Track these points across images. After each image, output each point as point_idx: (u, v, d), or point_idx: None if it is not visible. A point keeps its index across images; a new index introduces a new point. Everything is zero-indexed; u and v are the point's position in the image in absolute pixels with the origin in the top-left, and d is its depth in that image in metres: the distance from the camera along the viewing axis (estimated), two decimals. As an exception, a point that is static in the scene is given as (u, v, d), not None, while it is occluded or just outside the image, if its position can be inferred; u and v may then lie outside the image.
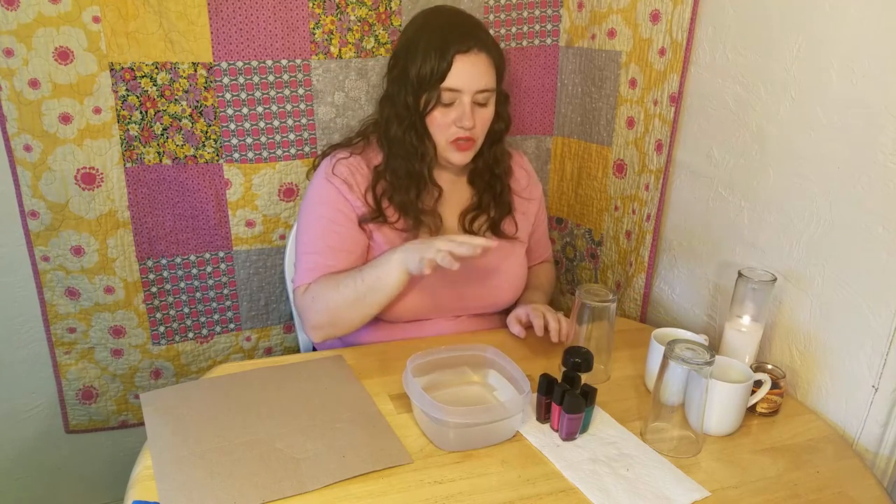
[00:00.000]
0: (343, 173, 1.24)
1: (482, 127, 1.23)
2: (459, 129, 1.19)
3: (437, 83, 1.17)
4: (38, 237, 1.39)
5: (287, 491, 0.87)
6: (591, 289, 1.16)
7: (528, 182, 1.40)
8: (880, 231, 1.00)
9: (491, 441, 0.99)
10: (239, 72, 1.39)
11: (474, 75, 1.17)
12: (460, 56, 1.16)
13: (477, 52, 1.17)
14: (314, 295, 1.19)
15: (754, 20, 1.17)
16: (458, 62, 1.16)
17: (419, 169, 1.23)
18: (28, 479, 1.60)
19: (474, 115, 1.19)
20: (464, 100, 1.18)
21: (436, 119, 1.20)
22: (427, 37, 1.19)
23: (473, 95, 1.18)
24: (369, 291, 1.15)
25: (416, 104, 1.20)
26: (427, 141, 1.22)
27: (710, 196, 1.30)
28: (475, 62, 1.17)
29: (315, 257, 1.23)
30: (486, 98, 1.21)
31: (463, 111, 1.18)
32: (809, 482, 0.94)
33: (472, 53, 1.17)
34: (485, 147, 1.28)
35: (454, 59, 1.16)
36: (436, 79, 1.16)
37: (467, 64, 1.17)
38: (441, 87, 1.17)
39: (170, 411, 1.03)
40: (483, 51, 1.18)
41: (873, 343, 1.03)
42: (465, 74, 1.17)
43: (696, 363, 0.93)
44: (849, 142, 1.04)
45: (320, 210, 1.24)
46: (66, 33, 1.28)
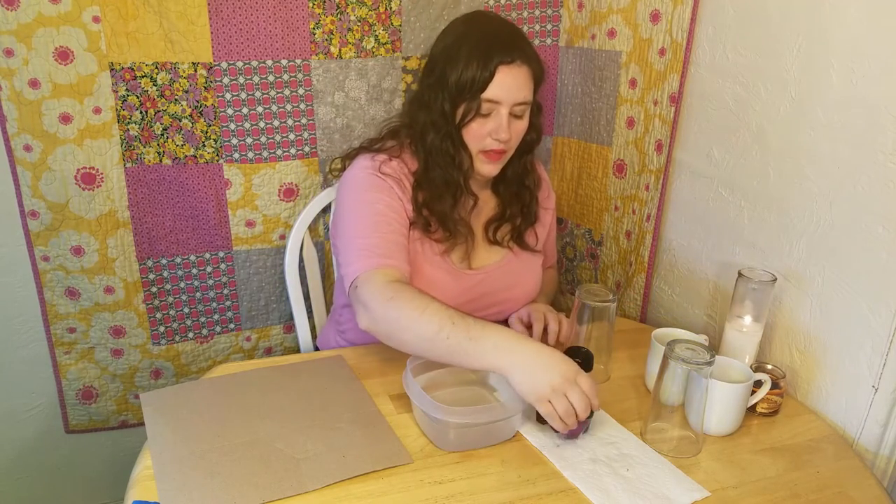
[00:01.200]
0: (392, 172, 1.20)
1: (516, 139, 1.20)
2: (494, 142, 1.17)
3: (478, 93, 1.13)
4: (38, 237, 1.39)
5: (287, 491, 0.87)
6: (591, 289, 1.16)
7: (548, 192, 1.40)
8: (880, 231, 1.01)
9: (491, 441, 0.99)
10: (239, 72, 1.39)
11: (515, 87, 1.14)
12: (503, 67, 1.12)
13: (520, 64, 1.14)
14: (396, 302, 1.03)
15: (754, 20, 1.17)
16: (500, 73, 1.12)
17: (456, 178, 1.20)
18: (28, 479, 1.60)
19: (510, 127, 1.17)
20: (501, 111, 1.15)
21: (472, 129, 1.17)
22: (470, 44, 1.14)
23: (511, 108, 1.15)
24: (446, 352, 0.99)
25: (452, 112, 1.16)
26: (463, 150, 1.19)
27: (710, 196, 1.30)
28: (517, 74, 1.14)
29: (377, 239, 1.12)
30: (523, 111, 1.18)
31: (500, 123, 1.15)
32: (809, 482, 0.94)
33: (515, 65, 1.13)
34: (514, 157, 1.25)
35: (497, 69, 1.12)
36: (476, 88, 1.13)
37: (509, 76, 1.13)
38: (481, 98, 1.14)
39: (170, 411, 1.03)
40: (525, 63, 1.15)
41: (873, 343, 1.03)
42: (506, 86, 1.13)
43: (696, 363, 0.93)
44: (849, 142, 1.04)
45: (373, 195, 1.17)
46: (66, 33, 1.28)
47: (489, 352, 0.96)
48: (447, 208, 1.21)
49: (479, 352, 0.97)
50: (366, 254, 1.11)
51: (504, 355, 0.96)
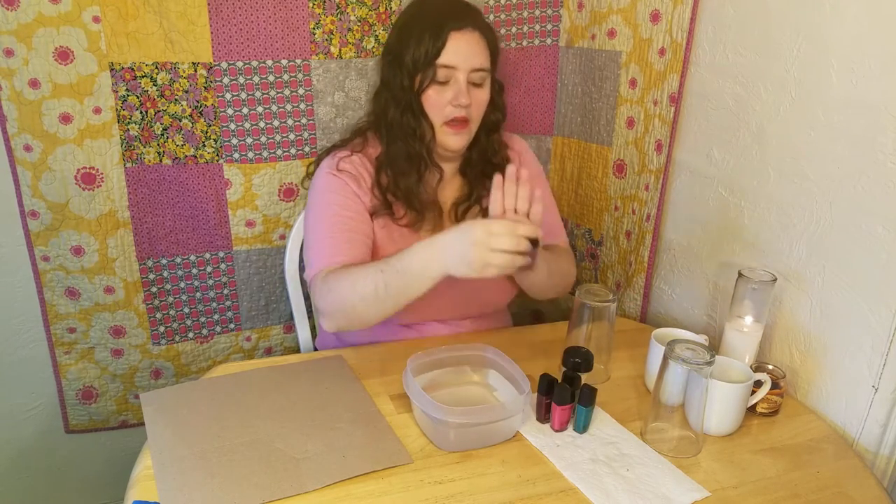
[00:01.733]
0: (348, 168, 1.23)
1: (477, 108, 1.21)
2: (455, 109, 1.18)
3: (433, 60, 1.16)
4: (38, 237, 1.39)
5: (287, 491, 0.87)
6: (591, 289, 1.16)
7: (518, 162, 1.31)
8: (880, 231, 1.00)
9: (491, 441, 0.99)
10: (239, 72, 1.39)
11: (469, 53, 1.17)
12: (455, 33, 1.16)
13: (472, 30, 1.17)
14: (330, 286, 1.12)
15: (754, 20, 1.17)
16: (452, 39, 1.16)
17: (419, 150, 1.21)
18: (28, 479, 1.60)
19: (470, 94, 1.18)
20: (459, 77, 1.17)
21: (431, 98, 1.19)
22: (422, 21, 1.19)
23: (469, 74, 1.17)
24: (392, 299, 1.06)
25: (411, 85, 1.19)
26: (424, 121, 1.20)
27: (710, 196, 1.30)
28: (470, 40, 1.17)
29: (329, 241, 1.18)
30: (482, 78, 1.20)
31: (459, 88, 1.17)
32: (809, 482, 0.94)
33: (466, 31, 1.17)
34: (481, 136, 1.27)
35: (449, 35, 1.16)
36: (431, 56, 1.16)
37: (462, 41, 1.16)
38: (437, 64, 1.16)
39: (170, 411, 1.03)
40: (478, 30, 1.18)
41: (873, 343, 1.03)
42: (460, 51, 1.16)
43: (696, 363, 0.93)
44: (849, 142, 1.04)
45: (329, 197, 1.21)
46: (66, 33, 1.28)
47: (422, 272, 1.03)
48: (412, 184, 1.22)
49: (415, 276, 1.03)
50: (317, 257, 1.17)
51: (432, 264, 1.02)
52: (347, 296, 1.08)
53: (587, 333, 1.15)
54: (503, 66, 1.56)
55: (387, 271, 1.05)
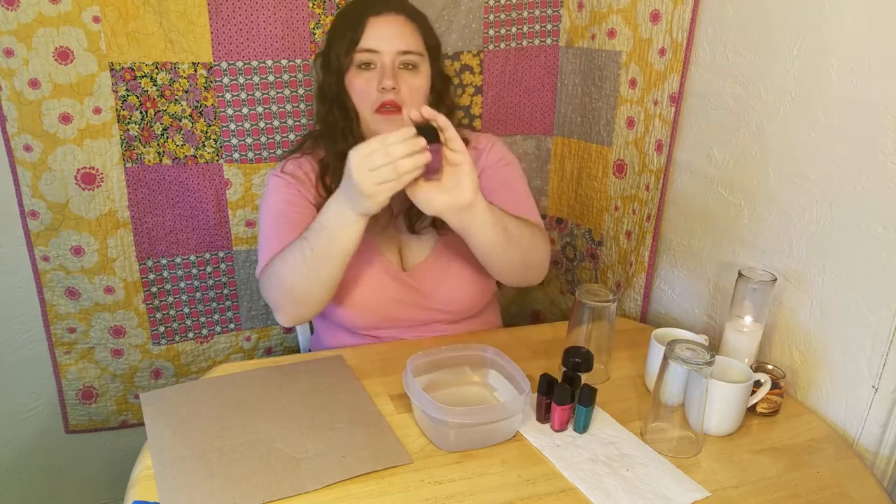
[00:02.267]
0: (291, 169, 1.22)
1: (411, 93, 1.15)
2: (382, 94, 1.13)
3: (353, 47, 1.13)
4: (38, 237, 1.39)
5: (287, 491, 0.87)
6: (591, 289, 1.16)
7: (479, 157, 1.27)
8: (880, 231, 1.00)
9: (491, 441, 0.98)
10: (239, 72, 1.39)
11: (391, 35, 1.13)
12: (374, 18, 1.13)
13: (393, 14, 1.14)
14: (268, 274, 1.12)
15: (754, 20, 1.17)
16: (371, 24, 1.13)
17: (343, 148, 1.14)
18: (28, 479, 1.60)
19: (399, 78, 1.13)
20: (384, 60, 1.13)
21: (355, 85, 1.15)
22: (342, 16, 1.18)
23: (395, 57, 1.13)
24: (323, 259, 1.04)
25: (338, 81, 1.17)
26: (352, 114, 1.17)
27: (710, 196, 1.30)
28: (391, 22, 1.14)
29: (274, 237, 1.16)
30: (414, 62, 1.15)
31: (383, 71, 1.13)
32: (809, 482, 0.94)
33: (387, 15, 1.14)
34: None
35: (367, 21, 1.13)
36: (352, 45, 1.13)
37: (382, 23, 1.14)
38: (357, 49, 1.13)
39: (170, 411, 1.03)
40: (401, 13, 1.15)
41: (873, 343, 1.03)
42: (381, 34, 1.13)
43: (696, 363, 0.93)
44: (849, 142, 1.04)
45: (272, 198, 1.21)
46: (66, 33, 1.28)
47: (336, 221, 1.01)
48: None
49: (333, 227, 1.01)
50: (262, 255, 1.17)
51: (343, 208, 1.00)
52: (283, 275, 1.08)
53: (587, 333, 1.14)
54: (503, 67, 1.57)
55: (309, 236, 1.04)
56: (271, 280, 1.11)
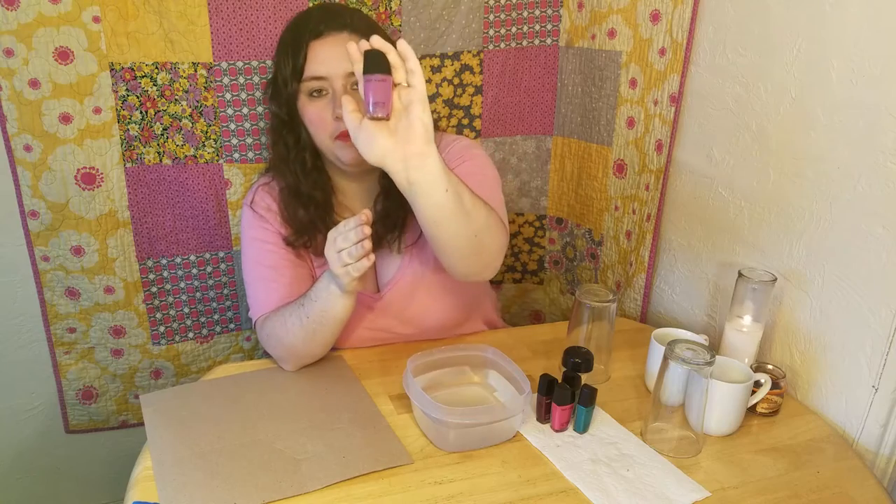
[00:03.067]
0: (259, 201, 1.19)
1: None
2: (338, 122, 1.05)
3: (298, 77, 1.06)
4: (38, 237, 1.39)
5: (287, 491, 0.87)
6: (591, 289, 1.16)
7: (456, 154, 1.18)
8: (880, 231, 1.00)
9: (491, 441, 0.99)
10: (239, 72, 1.39)
11: (335, 57, 1.04)
12: (314, 42, 1.05)
13: (335, 33, 1.05)
14: (268, 332, 1.12)
15: (754, 20, 1.17)
16: (312, 49, 1.05)
17: (293, 181, 1.13)
18: (28, 479, 1.60)
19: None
20: (335, 85, 1.05)
21: (309, 115, 1.08)
22: (283, 42, 1.09)
23: (345, 80, 1.05)
24: (318, 326, 1.07)
25: (289, 112, 1.10)
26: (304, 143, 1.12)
27: (710, 196, 1.30)
28: (334, 43, 1.05)
29: (260, 284, 1.16)
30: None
31: (336, 98, 1.05)
32: (809, 482, 0.94)
33: (327, 36, 1.05)
34: None
35: (308, 47, 1.05)
36: (296, 75, 1.06)
37: (325, 48, 1.05)
38: (304, 79, 1.06)
39: (170, 412, 1.03)
40: (344, 30, 1.06)
41: (873, 343, 1.03)
42: (325, 59, 1.05)
43: (697, 363, 0.93)
44: (849, 142, 1.04)
45: (249, 234, 1.18)
46: (66, 33, 1.28)
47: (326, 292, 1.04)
48: (294, 213, 1.15)
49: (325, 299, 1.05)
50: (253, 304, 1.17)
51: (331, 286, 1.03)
52: (283, 338, 1.10)
53: (587, 333, 1.15)
54: (503, 67, 1.57)
55: (305, 303, 1.07)
56: (271, 340, 1.13)
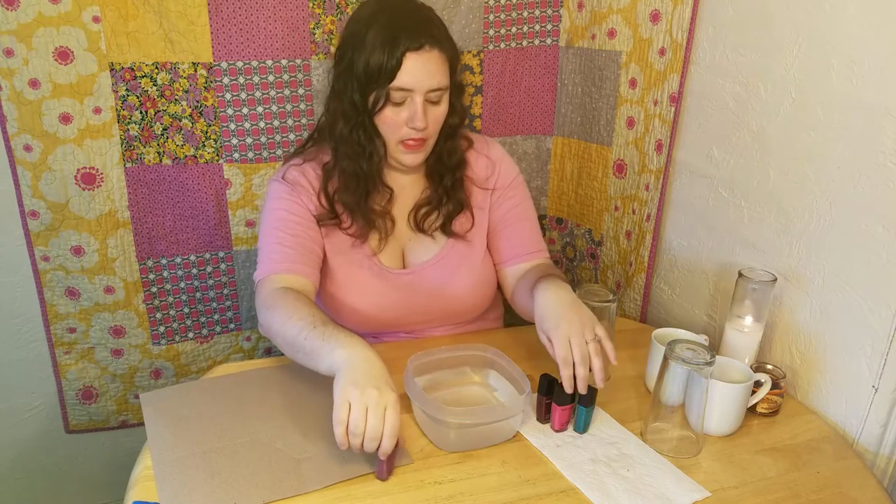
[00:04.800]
0: (294, 177, 1.19)
1: (435, 126, 1.15)
2: (411, 130, 1.12)
3: (387, 82, 1.08)
4: (38, 237, 1.39)
5: (287, 491, 0.87)
6: (591, 289, 1.16)
7: (492, 171, 1.28)
8: (880, 231, 1.00)
9: (491, 441, 0.98)
10: (239, 72, 1.39)
11: (426, 74, 1.09)
12: (411, 54, 1.07)
13: (429, 48, 1.09)
14: (270, 302, 1.07)
15: (754, 20, 1.17)
16: (408, 60, 1.07)
17: (367, 170, 1.16)
18: (28, 479, 1.60)
19: (427, 114, 1.11)
20: (416, 99, 1.10)
21: (386, 118, 1.12)
22: (376, 29, 1.09)
23: (426, 94, 1.10)
24: (302, 353, 0.99)
25: (363, 102, 1.12)
26: (377, 140, 1.15)
27: (710, 196, 1.30)
28: (427, 60, 1.09)
29: (276, 246, 1.15)
30: (439, 97, 1.13)
31: (415, 111, 1.10)
32: (809, 482, 0.94)
33: (423, 51, 1.08)
34: (440, 141, 1.21)
35: (405, 57, 1.07)
36: (385, 78, 1.08)
37: (419, 62, 1.08)
38: (391, 87, 1.09)
39: (170, 411, 1.02)
40: (436, 47, 1.10)
41: (873, 343, 1.03)
42: (416, 73, 1.08)
43: (697, 363, 0.93)
44: (849, 142, 1.04)
45: (275, 204, 1.19)
46: (66, 33, 1.28)
47: (331, 352, 0.93)
48: (358, 200, 1.17)
49: (326, 352, 0.94)
50: (264, 262, 1.15)
51: (339, 355, 0.92)
52: (275, 329, 1.04)
53: (587, 333, 1.14)
54: (503, 67, 1.57)
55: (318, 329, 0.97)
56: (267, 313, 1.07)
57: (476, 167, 1.27)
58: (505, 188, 1.28)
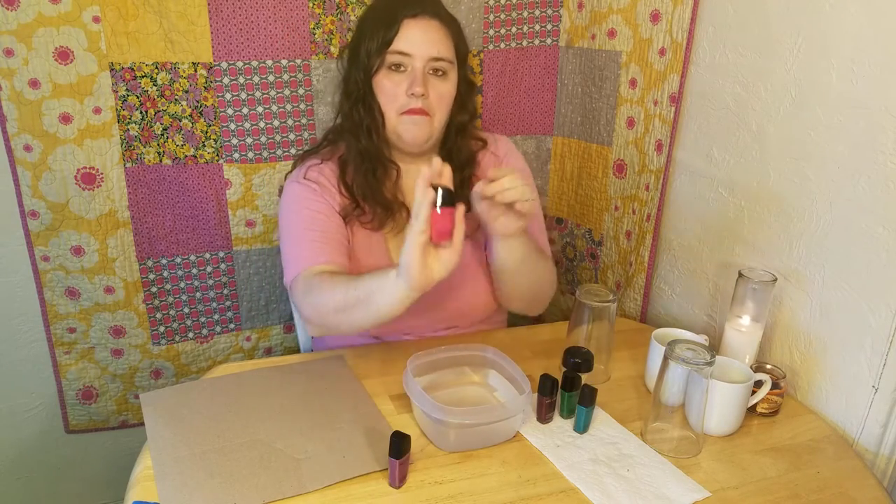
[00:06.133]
0: (315, 176, 1.20)
1: (439, 100, 1.14)
2: (410, 99, 1.11)
3: (385, 48, 1.10)
4: (38, 237, 1.39)
5: (287, 491, 0.87)
6: (591, 289, 1.16)
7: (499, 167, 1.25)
8: (880, 231, 1.01)
9: (491, 441, 0.99)
10: (239, 72, 1.39)
11: (425, 41, 1.10)
12: (409, 20, 1.10)
13: (428, 18, 1.11)
14: (309, 293, 1.09)
15: (754, 20, 1.17)
16: (406, 26, 1.10)
17: (366, 145, 1.16)
18: (28, 479, 1.60)
19: (428, 85, 1.11)
20: (415, 65, 1.11)
21: (384, 86, 1.13)
22: (376, 12, 1.14)
23: (427, 63, 1.11)
24: (359, 304, 1.01)
25: (366, 78, 1.14)
26: (377, 112, 1.15)
27: (710, 196, 1.30)
28: (426, 27, 1.11)
29: (306, 244, 1.15)
30: (444, 69, 1.13)
31: (414, 77, 1.10)
32: (810, 482, 0.94)
33: (422, 18, 1.11)
34: (449, 137, 1.22)
35: (402, 22, 1.10)
36: (384, 44, 1.10)
37: (417, 28, 1.11)
38: (388, 51, 1.10)
39: (170, 411, 1.03)
40: (435, 18, 1.12)
41: (873, 343, 1.03)
42: (415, 38, 1.10)
43: (697, 363, 0.93)
44: (849, 142, 1.04)
45: (299, 205, 1.19)
46: (66, 33, 1.28)
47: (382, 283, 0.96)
48: (367, 179, 1.17)
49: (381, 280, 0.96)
50: (295, 261, 1.14)
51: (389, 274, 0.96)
52: (323, 304, 1.06)
53: (587, 333, 1.15)
54: (503, 67, 1.57)
55: (361, 278, 1.02)
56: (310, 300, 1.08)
57: (483, 164, 1.28)
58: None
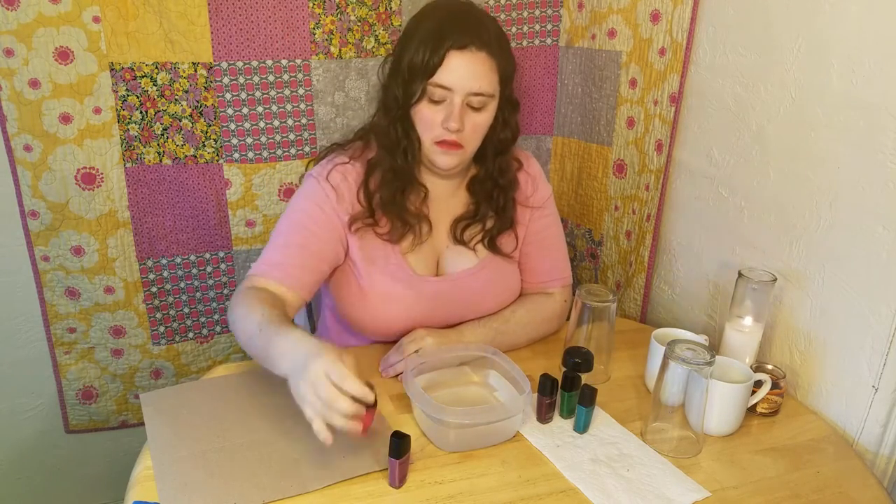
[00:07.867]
0: (336, 180, 1.16)
1: (473, 133, 1.12)
2: (445, 131, 1.09)
3: (427, 77, 1.07)
4: (38, 237, 1.39)
5: (288, 491, 0.87)
6: (591, 289, 1.16)
7: (533, 189, 1.27)
8: (880, 231, 1.00)
9: (491, 441, 0.99)
10: (239, 72, 1.39)
11: (468, 75, 1.07)
12: (455, 52, 1.06)
13: (475, 50, 1.06)
14: (245, 294, 1.07)
15: (754, 20, 1.17)
16: (451, 58, 1.06)
17: (401, 165, 1.14)
18: (28, 479, 1.60)
19: (465, 118, 1.09)
20: (455, 100, 1.07)
21: (422, 115, 1.11)
22: (425, 27, 1.09)
23: (466, 97, 1.08)
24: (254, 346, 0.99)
25: (404, 97, 1.12)
26: (413, 136, 1.13)
27: (710, 196, 1.30)
28: (471, 61, 1.07)
29: (281, 249, 1.14)
30: (483, 103, 1.10)
31: (451, 112, 1.08)
32: (810, 482, 0.94)
33: (468, 51, 1.06)
34: (489, 155, 1.20)
35: (447, 54, 1.06)
36: (426, 72, 1.07)
37: (462, 62, 1.06)
38: (430, 82, 1.07)
39: (170, 411, 1.02)
40: (483, 50, 1.07)
41: (873, 343, 1.03)
42: (458, 72, 1.06)
43: (697, 363, 0.93)
44: (849, 142, 1.04)
45: (302, 203, 1.16)
46: (66, 33, 1.28)
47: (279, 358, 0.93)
48: (393, 195, 1.15)
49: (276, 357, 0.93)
50: (262, 258, 1.14)
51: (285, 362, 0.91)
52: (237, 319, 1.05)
53: (587, 333, 1.15)
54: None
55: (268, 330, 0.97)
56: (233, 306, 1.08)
57: (522, 185, 1.26)
58: (541, 207, 1.28)
